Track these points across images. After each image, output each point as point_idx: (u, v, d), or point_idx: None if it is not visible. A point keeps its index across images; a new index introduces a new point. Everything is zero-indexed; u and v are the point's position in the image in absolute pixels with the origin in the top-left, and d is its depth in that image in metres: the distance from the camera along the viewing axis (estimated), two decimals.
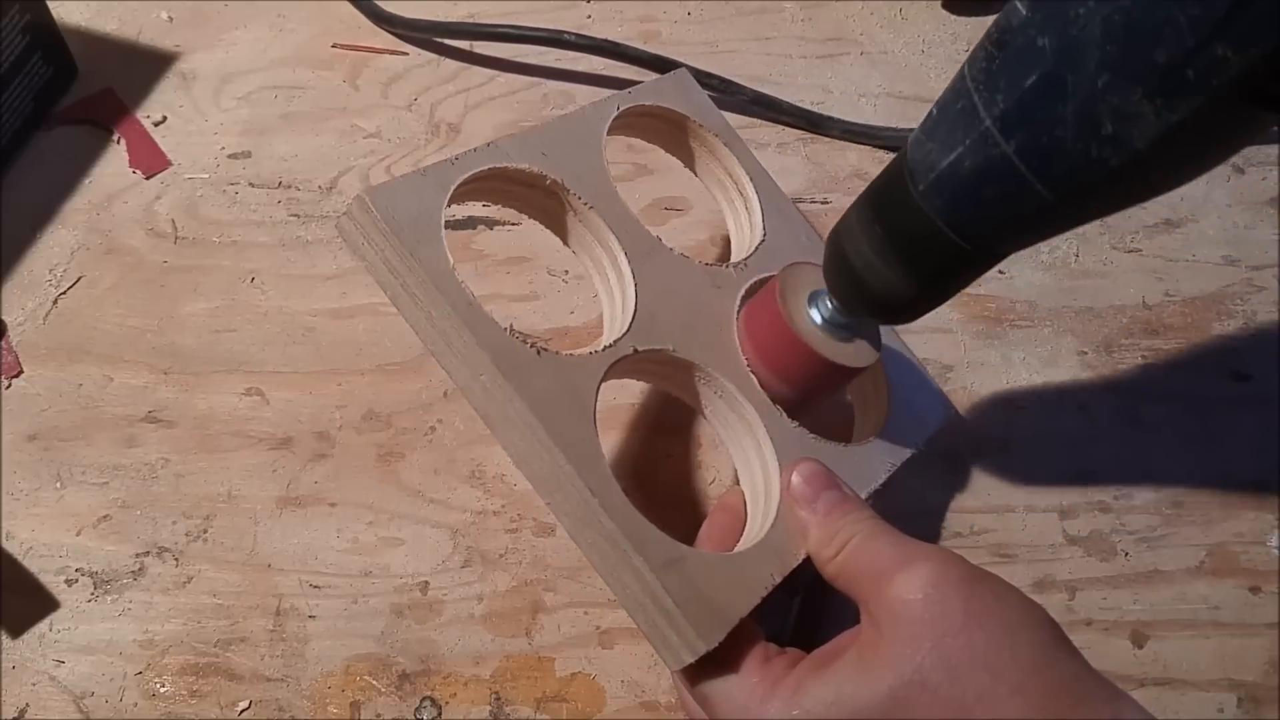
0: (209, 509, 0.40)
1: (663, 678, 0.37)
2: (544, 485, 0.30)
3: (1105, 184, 0.25)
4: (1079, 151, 0.25)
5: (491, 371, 0.29)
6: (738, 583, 0.30)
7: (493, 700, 0.36)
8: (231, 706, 0.36)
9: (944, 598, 0.27)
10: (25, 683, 0.36)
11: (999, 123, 0.26)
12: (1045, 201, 0.26)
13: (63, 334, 0.44)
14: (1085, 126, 0.24)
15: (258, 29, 0.54)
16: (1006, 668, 0.26)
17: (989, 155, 0.26)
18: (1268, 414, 0.43)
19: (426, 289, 0.29)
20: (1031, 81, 0.25)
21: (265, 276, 0.46)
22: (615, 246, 0.35)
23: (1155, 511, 0.40)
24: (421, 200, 0.31)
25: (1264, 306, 0.46)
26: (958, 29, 0.56)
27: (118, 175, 0.49)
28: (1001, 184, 0.27)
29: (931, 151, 0.28)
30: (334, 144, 0.50)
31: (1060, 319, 0.45)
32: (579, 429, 0.30)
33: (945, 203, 0.28)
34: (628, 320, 0.34)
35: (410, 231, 0.30)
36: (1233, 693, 0.37)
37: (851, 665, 0.28)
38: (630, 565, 0.29)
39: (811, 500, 0.32)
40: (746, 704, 0.29)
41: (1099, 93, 0.24)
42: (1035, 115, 0.25)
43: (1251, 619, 0.38)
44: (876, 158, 0.51)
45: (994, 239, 0.29)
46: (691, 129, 0.41)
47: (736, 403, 0.35)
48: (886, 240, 0.30)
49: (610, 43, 0.51)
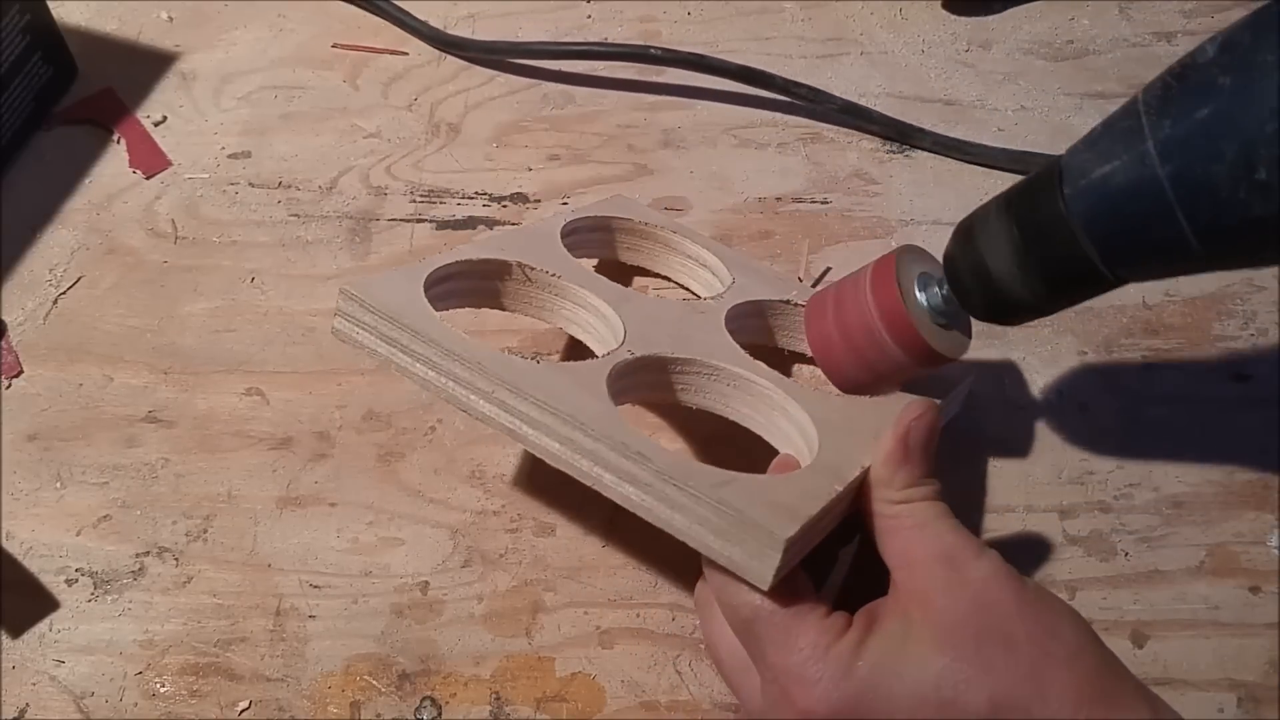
0: (209, 509, 0.40)
1: (663, 677, 0.37)
2: (581, 469, 0.30)
3: (1243, 228, 0.26)
4: (1228, 190, 0.25)
5: (502, 384, 0.30)
6: (799, 492, 0.30)
7: (493, 700, 0.36)
8: (231, 706, 0.36)
9: (1002, 585, 0.30)
10: (25, 683, 0.36)
11: (1160, 145, 0.26)
12: (1182, 233, 0.26)
13: (63, 334, 0.44)
14: (1241, 168, 0.25)
15: (258, 29, 0.54)
16: (1056, 647, 0.28)
17: (1142, 174, 0.27)
18: (1268, 414, 0.43)
19: (426, 342, 0.31)
20: (1203, 114, 0.25)
21: (265, 276, 0.46)
22: (592, 299, 0.37)
23: (1155, 511, 0.40)
24: (404, 287, 0.33)
25: (1264, 306, 0.46)
26: (958, 29, 0.56)
27: (118, 175, 0.49)
28: (1147, 205, 0.27)
29: (1088, 160, 0.28)
30: (334, 144, 0.50)
31: (1060, 319, 0.45)
32: (599, 406, 0.31)
33: (1088, 209, 0.28)
34: (620, 335, 0.35)
35: (390, 303, 0.32)
36: (1233, 693, 0.37)
37: (913, 636, 0.29)
38: (685, 495, 0.29)
39: (920, 445, 0.33)
40: (808, 653, 0.29)
41: (1264, 139, 0.24)
42: (1197, 145, 0.25)
43: (1251, 619, 0.38)
44: (877, 158, 0.51)
45: (1125, 259, 0.29)
46: (637, 229, 0.44)
47: (749, 384, 0.35)
48: (1021, 238, 0.30)
49: (696, 55, 0.50)
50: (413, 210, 0.48)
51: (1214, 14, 0.56)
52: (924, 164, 0.50)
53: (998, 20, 0.56)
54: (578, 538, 0.39)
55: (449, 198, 0.49)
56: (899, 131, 0.50)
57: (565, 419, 0.30)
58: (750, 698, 0.32)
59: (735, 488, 0.29)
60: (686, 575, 0.39)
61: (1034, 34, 0.55)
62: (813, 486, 0.31)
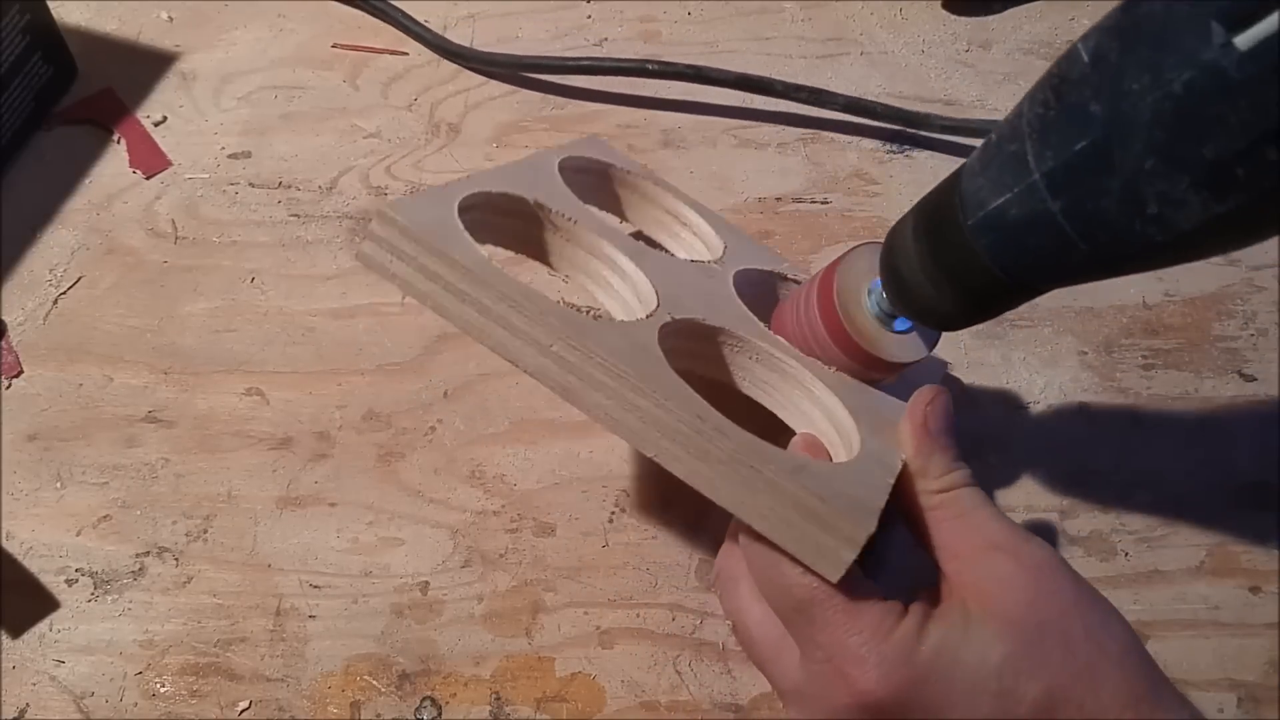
0: (209, 509, 0.40)
1: (663, 677, 0.37)
2: (645, 438, 0.29)
3: (1151, 255, 0.25)
4: (1124, 225, 0.25)
5: (562, 336, 0.28)
6: (861, 482, 0.30)
7: (493, 700, 0.36)
8: (231, 706, 0.36)
9: (1059, 578, 0.30)
10: (25, 683, 0.36)
11: (1046, 179, 0.26)
12: (1089, 260, 0.26)
13: (63, 334, 0.44)
14: (1131, 204, 0.24)
15: (258, 29, 0.54)
16: (1110, 644, 0.29)
17: (1035, 209, 0.26)
18: (1268, 414, 0.43)
19: (473, 280, 0.29)
20: (1081, 147, 0.24)
21: (265, 276, 0.46)
22: (610, 250, 0.35)
23: (1155, 511, 0.40)
24: (434, 211, 0.30)
25: (1264, 306, 0.46)
26: (958, 29, 0.56)
27: (118, 175, 0.49)
28: (1047, 238, 0.26)
29: (983, 188, 0.28)
30: (334, 144, 0.50)
31: (1060, 319, 0.45)
32: (663, 373, 0.29)
33: (992, 243, 0.28)
34: (654, 298, 0.33)
35: (437, 234, 0.29)
36: (1233, 693, 0.37)
37: (974, 626, 0.29)
38: (763, 479, 0.28)
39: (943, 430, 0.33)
40: (868, 636, 0.29)
41: (1145, 175, 0.23)
42: (1082, 181, 0.25)
43: (1251, 619, 0.38)
44: (877, 158, 0.51)
45: (1037, 280, 0.29)
46: (617, 176, 0.41)
47: (774, 360, 0.34)
48: (934, 259, 0.30)
49: (693, 68, 0.50)
50: None
51: None
52: (924, 164, 0.50)
53: (998, 20, 0.56)
54: (578, 538, 0.39)
55: None
56: (906, 121, 0.50)
57: (633, 385, 0.28)
58: (784, 673, 0.32)
59: (810, 475, 0.28)
60: (686, 575, 0.39)
61: (1034, 34, 0.55)
62: (872, 478, 0.30)
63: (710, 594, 0.38)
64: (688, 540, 0.39)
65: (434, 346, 0.44)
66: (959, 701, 0.28)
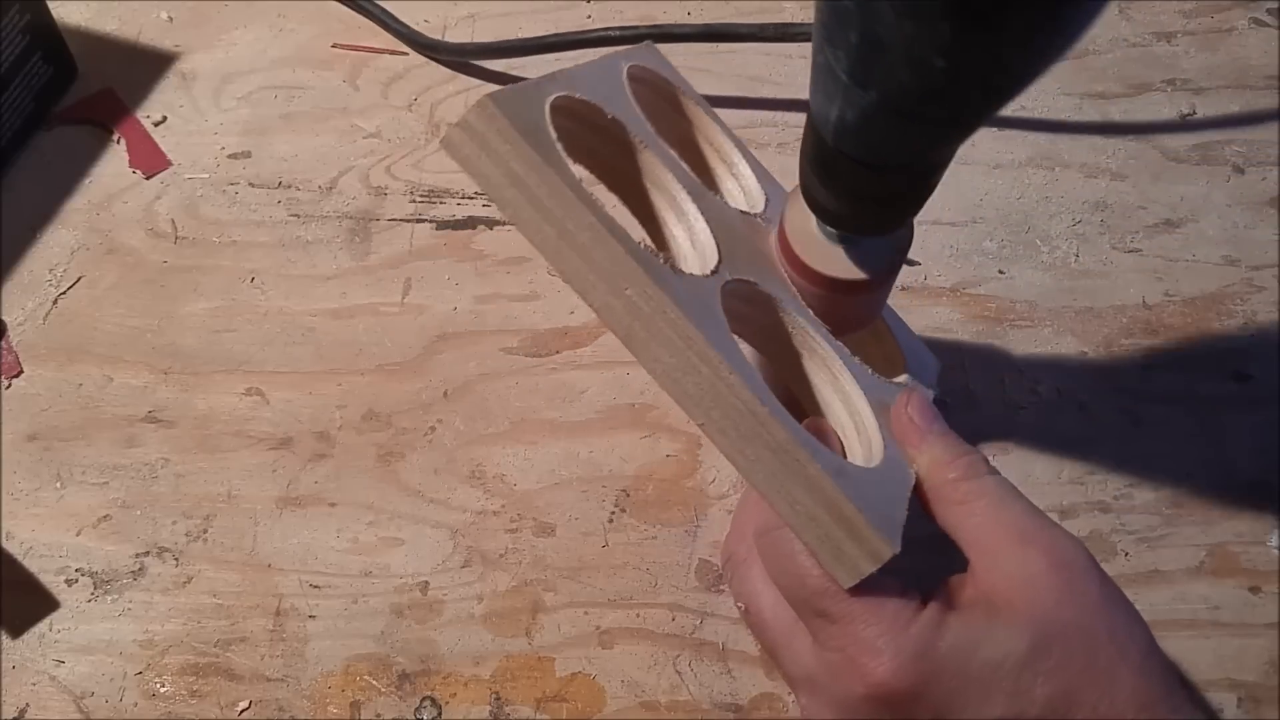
0: (209, 509, 0.40)
1: (663, 677, 0.37)
2: (698, 403, 0.27)
3: (977, 105, 0.26)
4: (924, 83, 0.24)
5: (642, 283, 0.26)
6: (889, 490, 0.29)
7: (493, 700, 0.36)
8: (231, 706, 0.36)
9: (1086, 576, 0.30)
10: (25, 683, 0.36)
11: (851, 78, 0.26)
12: (936, 130, 0.27)
13: (63, 334, 0.44)
14: (918, 66, 0.24)
15: (258, 29, 0.54)
16: (1132, 649, 0.29)
17: (862, 106, 0.26)
18: (1268, 414, 0.43)
19: (563, 199, 0.26)
20: (855, 39, 0.25)
21: (265, 276, 0.46)
22: (675, 187, 0.32)
23: (1155, 511, 0.40)
24: (531, 113, 0.28)
25: (1264, 306, 0.46)
26: None
27: (118, 175, 0.49)
28: (887, 127, 0.27)
29: (821, 104, 0.28)
30: (334, 144, 0.50)
31: (1060, 319, 0.45)
32: (729, 342, 0.28)
33: (853, 149, 0.29)
34: (714, 250, 0.31)
35: (535, 140, 0.26)
36: (1233, 693, 0.37)
37: (997, 621, 0.29)
38: (805, 475, 0.27)
39: (926, 431, 0.32)
40: (886, 627, 0.28)
41: (910, 40, 0.23)
42: (873, 67, 0.25)
43: (1251, 619, 0.38)
44: None
45: (913, 162, 0.29)
46: (672, 96, 0.38)
47: (808, 339, 0.33)
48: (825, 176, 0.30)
49: (656, 26, 0.49)
50: (413, 210, 0.48)
51: (1213, 14, 0.56)
52: None
53: None
54: (578, 538, 0.39)
55: (449, 198, 0.49)
56: None
57: (700, 350, 0.27)
58: (796, 659, 0.31)
59: (849, 479, 0.28)
60: (686, 575, 0.39)
61: None
62: (899, 491, 0.30)
63: (710, 594, 0.38)
64: (688, 540, 0.39)
65: (434, 346, 0.44)
66: (973, 697, 0.28)
